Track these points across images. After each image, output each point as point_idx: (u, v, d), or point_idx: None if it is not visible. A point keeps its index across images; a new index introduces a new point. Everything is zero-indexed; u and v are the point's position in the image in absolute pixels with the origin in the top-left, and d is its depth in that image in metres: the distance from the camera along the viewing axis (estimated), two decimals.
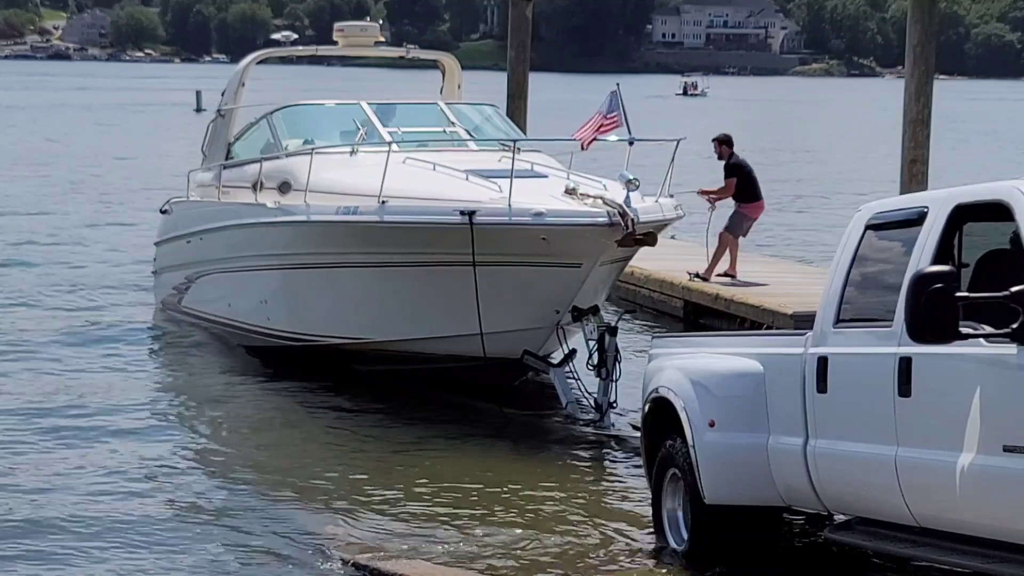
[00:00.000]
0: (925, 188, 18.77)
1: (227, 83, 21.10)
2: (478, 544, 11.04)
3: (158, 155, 51.38)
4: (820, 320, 9.30)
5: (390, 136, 17.38)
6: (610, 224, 14.65)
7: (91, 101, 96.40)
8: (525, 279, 15.25)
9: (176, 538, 11.16)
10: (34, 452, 13.62)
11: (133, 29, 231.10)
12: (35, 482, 12.58)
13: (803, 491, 9.35)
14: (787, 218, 35.63)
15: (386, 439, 14.51)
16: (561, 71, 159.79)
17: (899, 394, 8.35)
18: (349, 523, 11.58)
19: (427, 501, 12.29)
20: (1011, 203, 8.04)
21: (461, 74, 21.87)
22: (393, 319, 16.16)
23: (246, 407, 15.91)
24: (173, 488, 12.60)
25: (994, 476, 7.71)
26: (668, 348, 10.89)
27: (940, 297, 7.66)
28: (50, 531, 11.25)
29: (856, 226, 9.30)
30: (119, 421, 14.93)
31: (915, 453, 8.26)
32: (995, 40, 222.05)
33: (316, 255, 16.63)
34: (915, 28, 20.36)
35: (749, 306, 18.76)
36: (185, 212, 20.62)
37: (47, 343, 18.72)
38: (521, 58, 26.59)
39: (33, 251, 27.28)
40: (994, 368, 7.76)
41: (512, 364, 15.77)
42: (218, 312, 19.04)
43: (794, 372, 9.36)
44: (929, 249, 8.44)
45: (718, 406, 9.79)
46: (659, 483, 10.41)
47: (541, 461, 13.82)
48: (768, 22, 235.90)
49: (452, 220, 15.05)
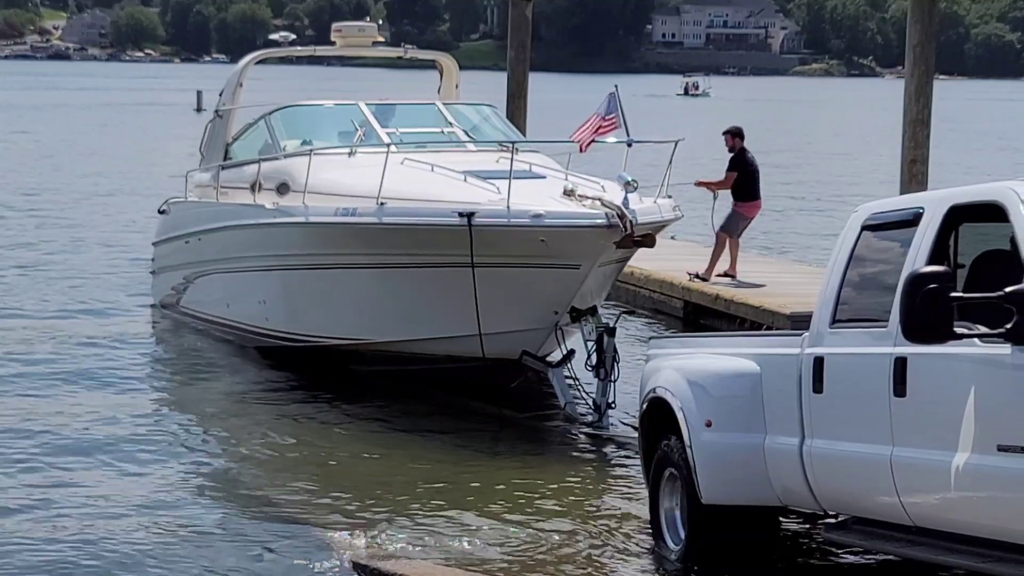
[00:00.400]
0: (925, 188, 18.80)
1: (225, 84, 21.14)
2: (477, 544, 11.06)
3: (158, 155, 51.37)
4: (816, 320, 9.33)
5: (388, 137, 17.40)
6: (608, 225, 14.66)
7: (91, 101, 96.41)
8: (524, 280, 15.27)
9: (175, 538, 11.16)
10: (30, 451, 13.61)
11: (133, 29, 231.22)
12: (32, 481, 12.60)
13: (799, 491, 9.37)
14: (788, 218, 35.69)
15: (385, 439, 14.53)
16: (561, 71, 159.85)
17: (894, 394, 8.37)
18: (348, 523, 11.59)
19: (426, 501, 12.30)
20: (1005, 204, 8.07)
21: (459, 74, 21.89)
22: (392, 320, 16.18)
23: (244, 407, 15.92)
24: (171, 488, 12.60)
25: (989, 476, 7.73)
26: (665, 349, 10.92)
27: (935, 297, 7.68)
28: (48, 532, 11.25)
29: (852, 226, 9.32)
30: (116, 421, 14.92)
31: (910, 453, 8.28)
32: (995, 40, 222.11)
33: (314, 256, 16.65)
34: (915, 28, 20.39)
35: (749, 306, 18.79)
36: (183, 213, 20.65)
37: (44, 343, 18.71)
38: (521, 58, 26.63)
39: (30, 251, 27.27)
40: (989, 368, 7.79)
41: (511, 365, 15.79)
42: (216, 312, 19.07)
43: (790, 372, 9.38)
44: (925, 250, 8.46)
45: (715, 406, 9.81)
46: (656, 483, 10.43)
47: (539, 461, 13.83)
48: (768, 22, 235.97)
49: (451, 221, 15.06)
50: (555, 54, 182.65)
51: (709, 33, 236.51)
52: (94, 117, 79.55)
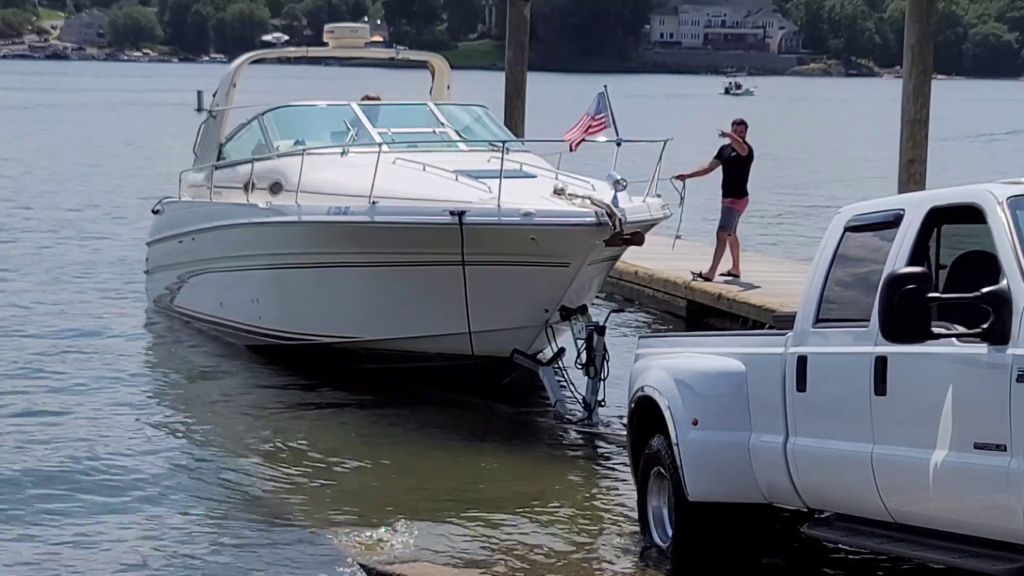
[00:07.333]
0: (923, 188, 18.86)
1: (218, 84, 21.23)
2: (467, 542, 11.10)
3: (156, 155, 51.36)
4: (800, 320, 9.41)
5: (380, 137, 17.49)
6: (598, 224, 14.76)
7: (88, 101, 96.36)
8: (514, 278, 15.36)
9: (173, 539, 11.19)
10: (27, 450, 13.64)
11: (131, 29, 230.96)
12: (30, 479, 12.62)
13: (783, 488, 9.45)
14: (791, 217, 35.78)
15: (376, 438, 14.59)
16: (559, 71, 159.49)
17: (875, 393, 8.45)
18: (346, 523, 11.64)
19: (418, 500, 12.35)
20: (983, 206, 8.16)
21: (451, 75, 21.98)
22: (383, 318, 16.26)
23: (237, 407, 15.96)
24: (169, 488, 12.61)
25: (966, 473, 7.82)
26: (653, 348, 10.99)
27: (912, 298, 7.77)
28: (45, 531, 11.29)
29: (836, 227, 9.41)
30: (112, 421, 14.95)
31: (890, 451, 8.36)
32: (993, 40, 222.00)
33: (307, 255, 16.74)
34: (913, 28, 20.46)
35: (751, 306, 18.89)
36: (177, 212, 20.72)
37: (38, 341, 18.74)
38: (519, 58, 26.68)
39: (25, 250, 27.30)
40: (966, 367, 7.87)
41: (501, 363, 15.87)
42: (210, 311, 19.15)
43: (775, 371, 9.45)
44: (905, 251, 8.55)
45: (701, 405, 9.89)
46: (644, 481, 10.50)
47: (529, 459, 13.90)
48: (766, 22, 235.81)
49: (442, 220, 15.16)
50: (553, 54, 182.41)
51: (707, 33, 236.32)
52: (92, 117, 79.50)
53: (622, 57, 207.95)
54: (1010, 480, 7.54)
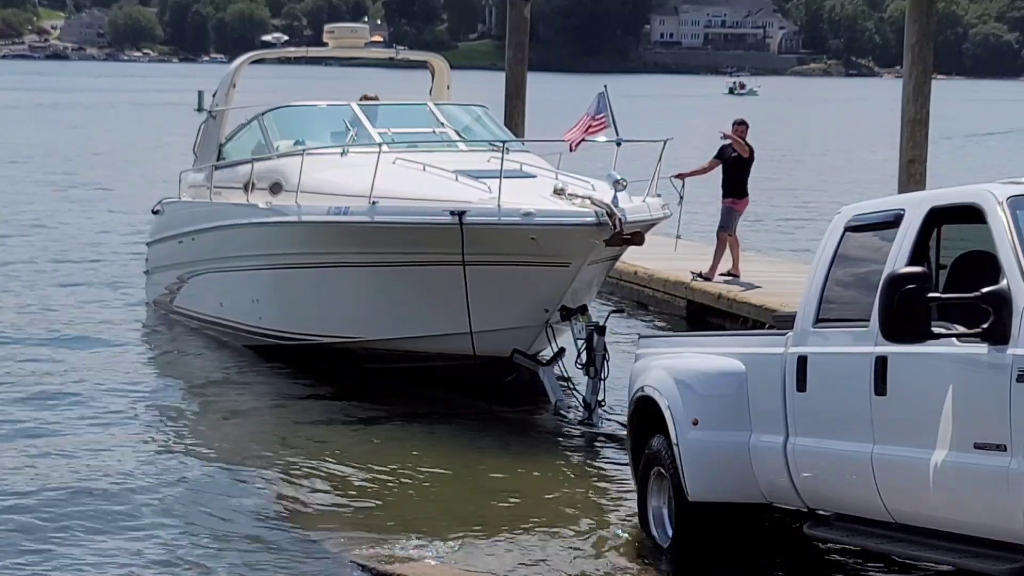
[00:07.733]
0: (923, 188, 18.87)
1: (218, 84, 21.24)
2: (467, 543, 11.09)
3: (156, 155, 51.38)
4: (800, 320, 9.42)
5: (380, 137, 17.49)
6: (598, 224, 14.76)
7: (89, 101, 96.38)
8: (514, 278, 15.37)
9: (172, 539, 11.19)
10: (25, 451, 13.66)
11: (131, 29, 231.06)
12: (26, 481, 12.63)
13: (783, 488, 9.46)
14: (792, 217, 35.77)
15: (376, 438, 14.59)
16: (559, 71, 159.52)
17: (875, 393, 8.46)
18: (344, 523, 11.65)
19: (417, 500, 12.36)
20: (983, 206, 8.17)
21: (450, 75, 21.99)
22: (383, 318, 16.27)
23: (237, 408, 15.95)
24: (168, 489, 12.57)
25: (966, 473, 7.83)
26: (653, 348, 11.01)
27: (912, 297, 7.78)
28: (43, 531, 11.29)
29: (836, 227, 9.42)
30: (111, 421, 14.95)
31: (890, 451, 8.37)
32: (993, 40, 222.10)
33: (307, 255, 16.74)
34: (913, 28, 20.47)
35: (752, 306, 18.91)
36: (177, 212, 20.73)
37: (37, 342, 18.73)
38: (519, 58, 26.68)
39: (24, 250, 27.29)
40: (966, 367, 7.88)
41: (502, 363, 15.87)
42: (210, 311, 19.15)
43: (775, 371, 9.46)
44: (905, 251, 8.56)
45: (701, 405, 9.90)
46: (644, 481, 10.51)
47: (530, 459, 13.89)
48: (766, 22, 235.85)
49: (442, 220, 15.16)
50: (553, 54, 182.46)
51: (707, 33, 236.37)
52: (91, 117, 79.52)
53: (622, 57, 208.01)
54: (1010, 480, 7.55)
